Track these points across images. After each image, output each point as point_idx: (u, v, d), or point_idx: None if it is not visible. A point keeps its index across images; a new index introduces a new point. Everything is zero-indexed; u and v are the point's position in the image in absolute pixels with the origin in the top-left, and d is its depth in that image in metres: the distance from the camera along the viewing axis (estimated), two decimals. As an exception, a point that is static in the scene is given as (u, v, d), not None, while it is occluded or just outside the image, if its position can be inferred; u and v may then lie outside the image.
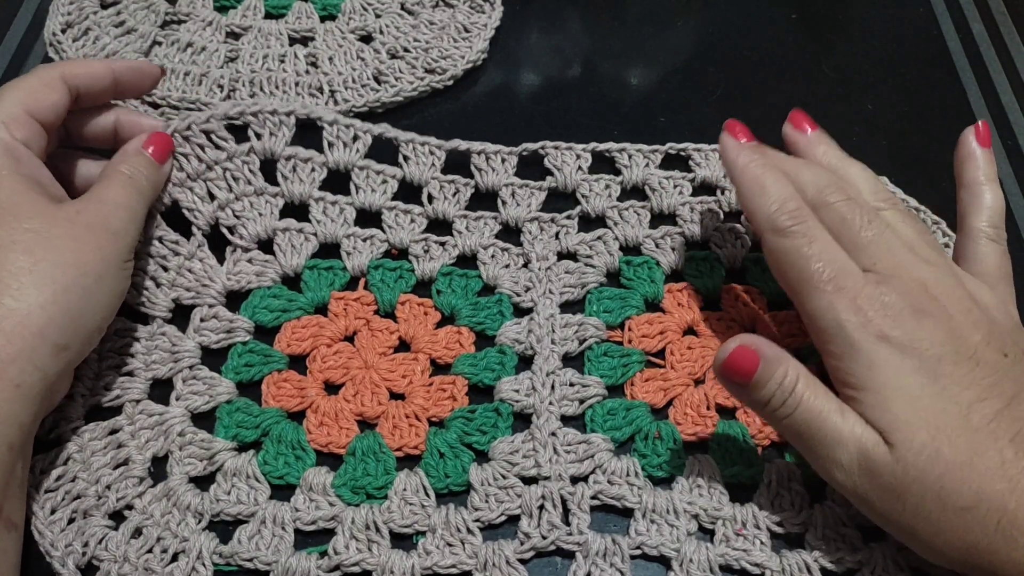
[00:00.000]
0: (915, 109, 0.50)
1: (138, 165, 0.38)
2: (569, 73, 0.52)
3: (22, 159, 0.35)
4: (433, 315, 0.41)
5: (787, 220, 0.34)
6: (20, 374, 0.30)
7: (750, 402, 0.33)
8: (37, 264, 0.32)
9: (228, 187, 0.42)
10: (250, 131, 0.42)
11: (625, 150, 0.46)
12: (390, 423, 0.37)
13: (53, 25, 0.50)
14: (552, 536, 0.34)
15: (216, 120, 0.41)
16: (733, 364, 0.33)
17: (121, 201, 0.36)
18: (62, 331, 0.32)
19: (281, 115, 0.42)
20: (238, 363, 0.38)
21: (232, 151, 0.42)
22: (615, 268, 0.42)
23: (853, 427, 0.31)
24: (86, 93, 0.38)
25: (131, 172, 0.38)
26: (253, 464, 0.36)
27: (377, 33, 0.51)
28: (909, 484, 0.30)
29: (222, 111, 0.41)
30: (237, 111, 0.42)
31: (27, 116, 0.36)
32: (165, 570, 0.33)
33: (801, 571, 0.33)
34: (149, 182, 0.38)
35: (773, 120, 0.49)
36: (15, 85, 0.36)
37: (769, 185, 0.35)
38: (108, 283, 0.34)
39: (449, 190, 0.44)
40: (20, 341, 0.31)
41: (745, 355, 0.32)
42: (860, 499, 0.31)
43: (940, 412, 0.30)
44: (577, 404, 0.38)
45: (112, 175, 0.37)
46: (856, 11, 0.55)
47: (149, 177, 0.38)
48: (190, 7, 0.52)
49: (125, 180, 0.37)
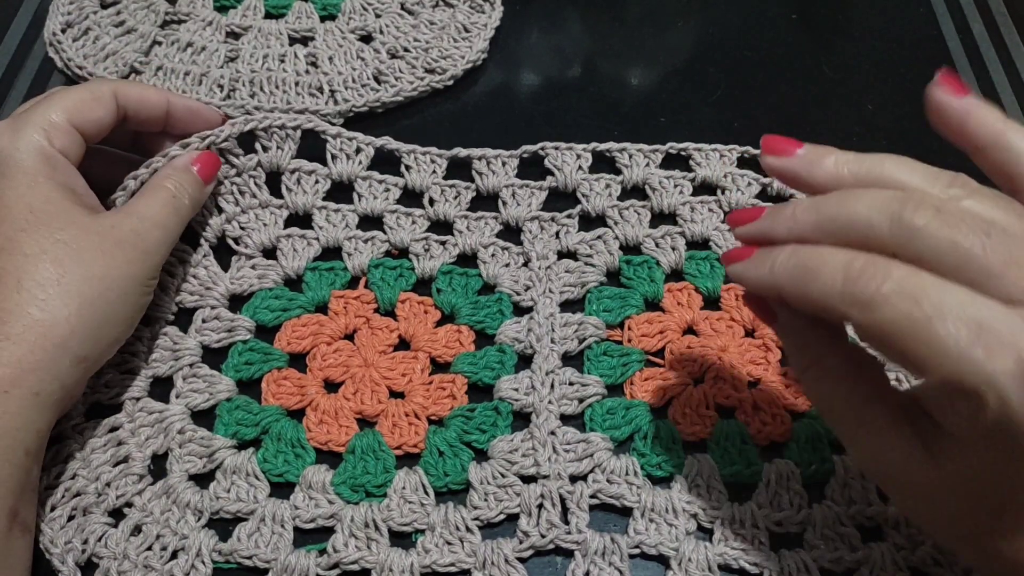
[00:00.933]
0: (915, 109, 0.49)
1: (184, 183, 0.38)
2: (569, 73, 0.52)
3: (58, 167, 0.35)
4: (433, 314, 0.41)
5: (867, 284, 0.25)
6: (39, 383, 0.31)
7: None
8: (65, 276, 0.32)
9: (235, 200, 0.43)
10: (257, 144, 0.43)
11: (625, 150, 0.46)
12: (390, 421, 0.37)
13: (53, 25, 0.50)
14: (551, 535, 0.34)
15: (233, 139, 0.42)
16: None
17: (159, 220, 0.36)
18: (83, 343, 0.32)
19: (288, 129, 0.43)
20: (238, 361, 0.38)
21: (242, 167, 0.43)
22: (615, 267, 0.42)
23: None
24: (134, 117, 0.39)
25: (176, 191, 0.38)
26: (253, 462, 0.36)
27: (377, 33, 0.51)
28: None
29: (236, 129, 0.42)
30: (250, 127, 0.42)
31: (69, 126, 0.36)
32: (165, 567, 0.33)
33: (800, 571, 0.33)
34: (191, 201, 0.38)
35: (773, 120, 0.49)
36: (65, 94, 0.37)
37: (812, 262, 0.26)
38: (132, 299, 0.35)
39: (450, 193, 0.44)
40: (42, 352, 0.31)
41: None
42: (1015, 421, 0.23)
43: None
44: (576, 403, 0.38)
45: (155, 191, 0.37)
46: (856, 11, 0.56)
47: (192, 196, 0.38)
48: (190, 7, 0.52)
49: (168, 199, 0.37)
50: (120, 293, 0.34)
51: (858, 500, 0.35)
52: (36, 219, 0.33)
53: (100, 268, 0.33)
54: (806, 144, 0.29)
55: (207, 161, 0.40)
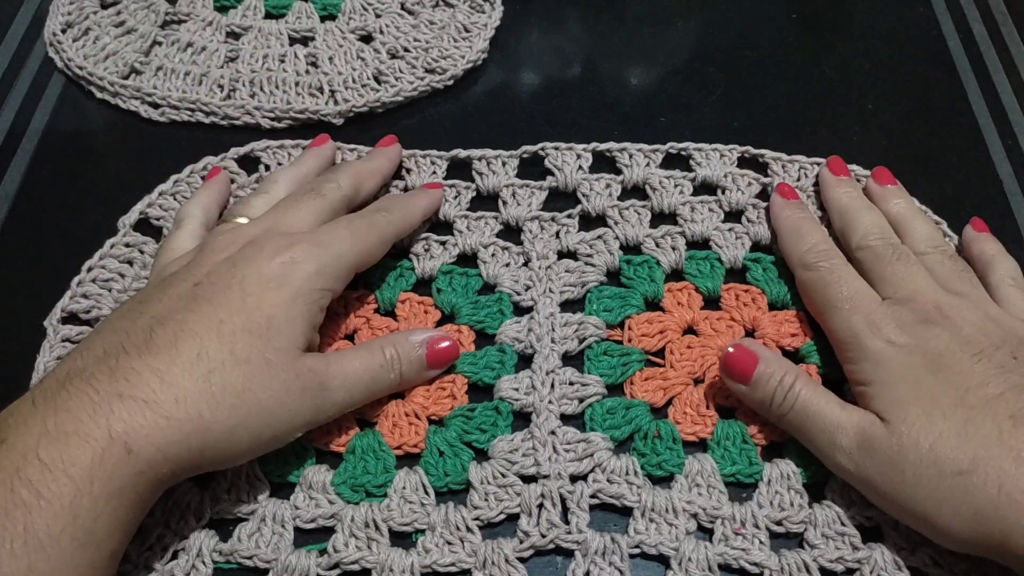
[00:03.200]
0: (915, 109, 0.50)
1: (405, 359, 0.36)
2: (569, 73, 0.52)
3: (322, 312, 0.35)
4: (433, 313, 0.41)
5: (814, 258, 0.39)
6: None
7: (752, 402, 0.36)
8: (244, 393, 0.31)
9: None
10: (260, 165, 0.44)
11: (626, 150, 0.46)
12: (390, 421, 0.37)
13: (53, 25, 0.50)
14: (551, 535, 0.34)
15: (230, 159, 0.45)
16: (734, 364, 0.36)
17: (351, 383, 0.35)
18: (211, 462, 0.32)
19: (289, 148, 0.45)
20: (238, 362, 0.38)
21: (243, 182, 0.44)
22: (615, 267, 0.42)
23: (851, 413, 0.34)
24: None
25: (389, 362, 0.36)
26: (253, 462, 0.36)
27: (377, 33, 0.51)
28: (905, 454, 0.32)
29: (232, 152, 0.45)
30: (248, 148, 0.45)
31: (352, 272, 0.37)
32: (165, 568, 0.33)
33: (800, 571, 0.33)
34: (397, 379, 0.36)
35: (773, 120, 0.49)
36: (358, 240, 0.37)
37: (804, 230, 0.41)
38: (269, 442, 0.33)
39: (451, 194, 0.44)
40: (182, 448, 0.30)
41: (744, 356, 0.35)
42: (863, 479, 0.33)
43: (937, 393, 0.33)
44: (576, 403, 0.38)
45: (374, 352, 0.36)
46: (856, 11, 0.56)
47: (404, 375, 0.36)
48: (190, 7, 0.52)
49: (377, 368, 0.36)
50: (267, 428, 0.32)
51: (858, 500, 0.35)
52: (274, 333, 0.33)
53: (273, 403, 0.32)
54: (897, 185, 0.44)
55: (441, 354, 0.38)
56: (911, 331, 0.34)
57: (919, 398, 0.32)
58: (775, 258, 0.43)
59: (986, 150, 0.48)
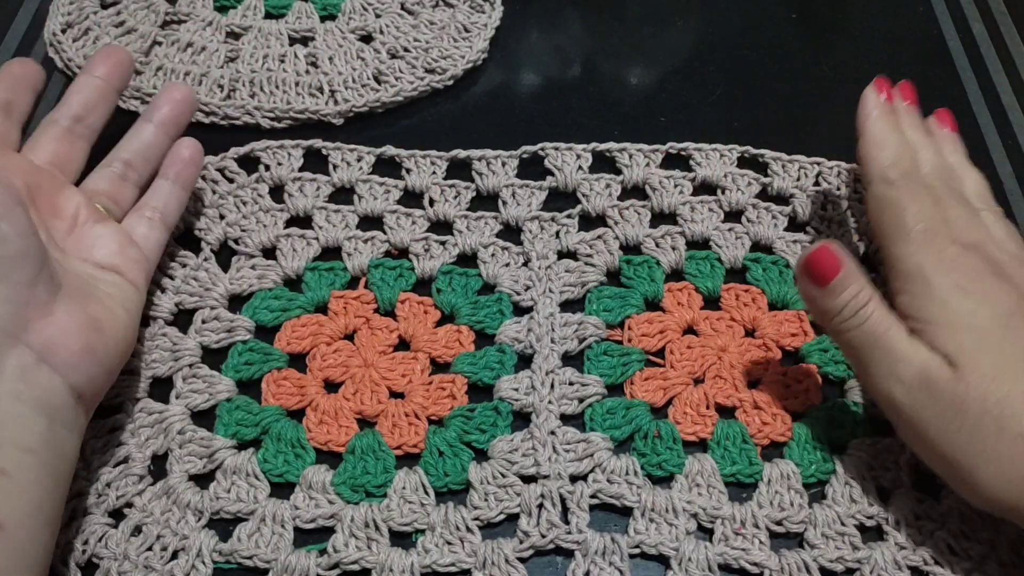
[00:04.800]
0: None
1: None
2: (569, 73, 0.52)
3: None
4: (433, 314, 0.41)
5: (897, 175, 0.37)
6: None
7: (821, 310, 0.34)
8: None
9: (237, 208, 0.43)
10: (260, 165, 0.44)
11: (625, 150, 0.46)
12: (389, 421, 0.37)
13: (53, 25, 0.50)
14: (551, 535, 0.34)
15: (230, 159, 0.44)
16: (818, 263, 0.34)
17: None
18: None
19: (289, 148, 0.45)
20: (238, 361, 0.38)
21: (243, 182, 0.44)
22: (615, 267, 0.42)
23: (919, 348, 0.32)
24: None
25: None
26: (253, 462, 0.36)
27: (377, 33, 0.51)
28: (970, 403, 0.30)
29: (232, 152, 0.44)
30: (248, 148, 0.44)
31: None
32: (165, 568, 0.33)
33: (800, 571, 0.33)
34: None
35: (773, 120, 0.49)
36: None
37: (892, 142, 0.39)
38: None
39: (450, 193, 0.44)
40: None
41: (829, 257, 0.34)
42: (913, 418, 0.32)
43: (1006, 351, 0.31)
44: (576, 403, 0.38)
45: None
46: (856, 11, 0.56)
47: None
48: (190, 7, 0.52)
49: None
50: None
51: (858, 500, 0.35)
52: None
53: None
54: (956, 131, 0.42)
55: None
56: (983, 281, 0.33)
57: (989, 352, 0.31)
58: (775, 258, 0.43)
59: (986, 150, 0.48)
